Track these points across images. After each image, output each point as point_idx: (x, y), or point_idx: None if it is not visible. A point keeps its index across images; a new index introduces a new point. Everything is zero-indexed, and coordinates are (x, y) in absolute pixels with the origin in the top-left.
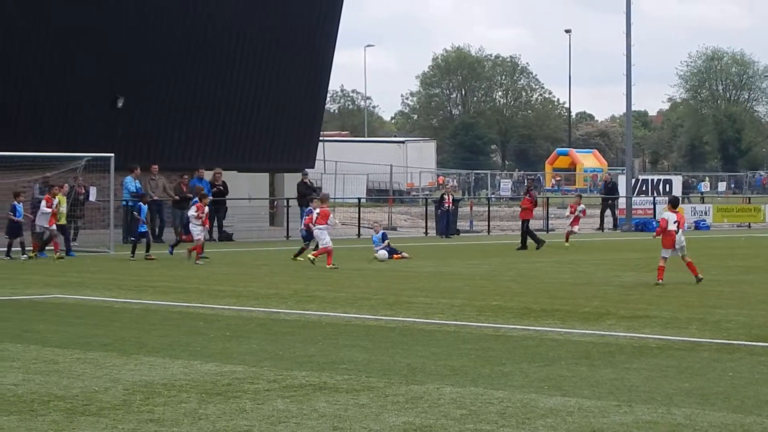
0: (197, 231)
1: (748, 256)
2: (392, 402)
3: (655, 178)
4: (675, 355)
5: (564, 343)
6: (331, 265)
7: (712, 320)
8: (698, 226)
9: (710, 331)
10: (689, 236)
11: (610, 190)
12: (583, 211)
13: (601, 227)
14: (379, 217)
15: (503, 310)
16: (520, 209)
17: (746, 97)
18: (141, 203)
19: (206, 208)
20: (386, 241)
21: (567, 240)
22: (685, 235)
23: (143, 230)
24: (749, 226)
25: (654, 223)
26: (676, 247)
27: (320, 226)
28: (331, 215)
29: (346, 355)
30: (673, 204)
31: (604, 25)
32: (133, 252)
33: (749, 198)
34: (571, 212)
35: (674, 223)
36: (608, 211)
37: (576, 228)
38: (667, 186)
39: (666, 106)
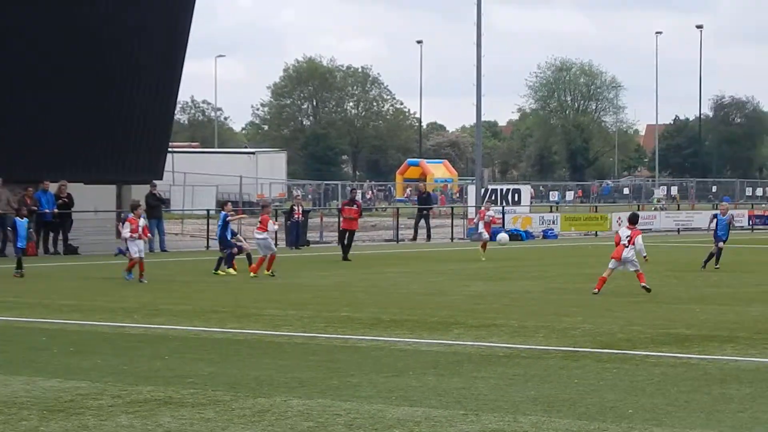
0: (134, 249)
1: (594, 264)
2: (239, 416)
3: (504, 187)
4: (522, 363)
5: (412, 353)
6: (270, 272)
7: (559, 328)
8: (546, 235)
9: (557, 339)
10: (537, 245)
11: (424, 200)
12: (493, 218)
13: (415, 238)
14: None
15: (352, 321)
16: (344, 219)
17: (594, 107)
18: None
19: (141, 220)
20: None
21: (484, 249)
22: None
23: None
24: (596, 235)
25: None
26: (623, 260)
27: (260, 234)
28: (271, 221)
29: (193, 369)
30: (631, 221)
31: (455, 37)
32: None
33: (596, 207)
34: (481, 219)
35: (626, 237)
36: (423, 222)
37: (486, 236)
38: (516, 195)
39: (516, 117)
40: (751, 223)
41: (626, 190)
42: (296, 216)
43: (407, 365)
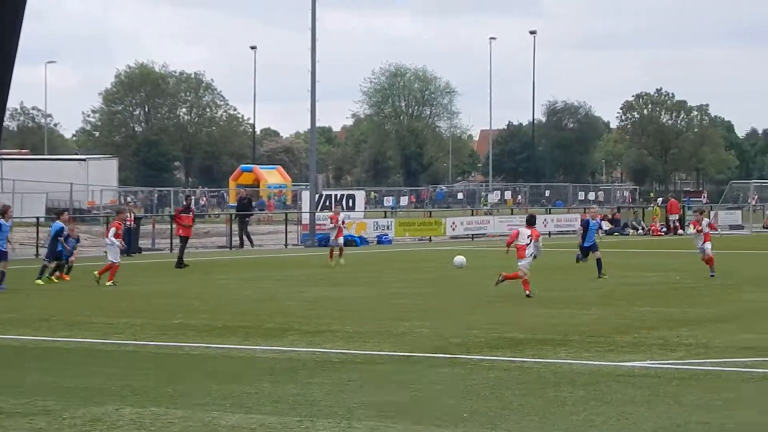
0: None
1: (430, 268)
2: (69, 425)
3: (339, 193)
4: (357, 368)
5: (247, 359)
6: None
7: (395, 333)
8: (380, 240)
9: (392, 344)
10: (371, 250)
11: (244, 206)
12: (343, 222)
13: (229, 245)
14: None
15: (185, 328)
16: (177, 226)
17: (428, 113)
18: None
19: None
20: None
21: (332, 257)
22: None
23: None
24: (430, 240)
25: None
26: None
27: (112, 240)
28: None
29: (23, 379)
30: (529, 222)
31: (289, 42)
32: None
33: (430, 212)
34: (334, 224)
35: (527, 237)
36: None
37: (340, 242)
38: (351, 201)
39: (350, 122)
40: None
41: (460, 195)
42: (128, 223)
43: (242, 372)
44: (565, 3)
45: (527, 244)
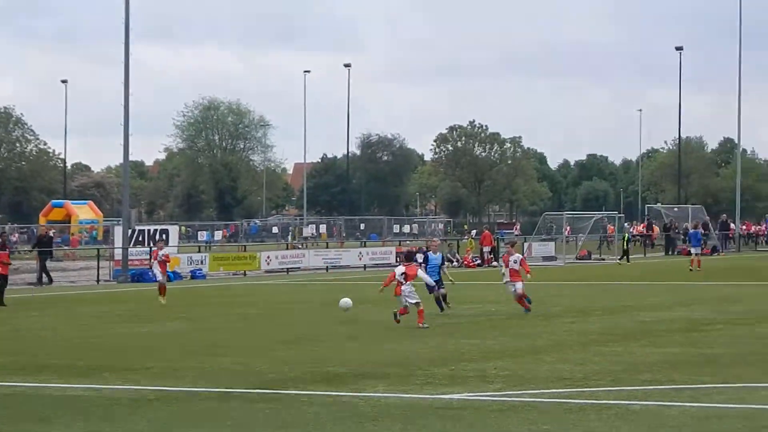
0: None
1: (244, 303)
2: None
3: (152, 228)
4: (174, 405)
5: (61, 399)
6: None
7: (211, 369)
8: (194, 275)
9: (209, 380)
10: (185, 285)
11: (45, 243)
12: (166, 257)
13: (40, 282)
14: None
15: None
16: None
17: (242, 146)
18: None
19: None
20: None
21: (163, 293)
22: None
23: None
24: (245, 274)
25: (149, 273)
26: (403, 295)
27: None
28: None
29: None
30: (407, 258)
31: (101, 77)
32: None
33: (245, 246)
34: (154, 258)
35: (401, 274)
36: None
37: (161, 278)
38: (164, 236)
39: (163, 156)
40: (398, 260)
41: (275, 229)
42: None
43: (55, 412)
44: (378, 37)
45: (402, 283)
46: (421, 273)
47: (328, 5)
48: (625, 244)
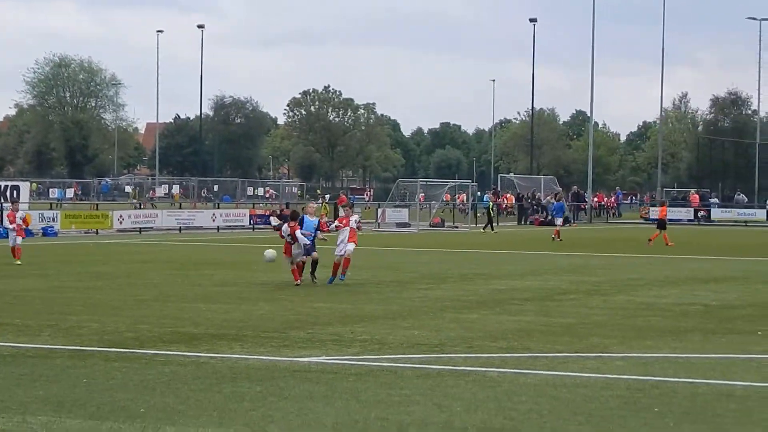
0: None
1: (98, 262)
2: None
3: (2, 184)
4: (28, 362)
5: None
6: None
7: (64, 327)
8: (46, 232)
9: (63, 338)
10: (37, 242)
11: None
12: (26, 219)
13: None
14: None
15: None
16: None
17: (93, 104)
18: None
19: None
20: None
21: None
22: None
23: None
24: (97, 232)
25: (0, 229)
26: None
27: None
28: None
29: None
30: (292, 218)
31: None
32: None
33: (97, 205)
34: (11, 222)
35: (288, 235)
36: None
37: (20, 240)
38: (15, 192)
39: (13, 112)
40: (252, 222)
41: (128, 188)
42: None
43: None
44: (227, 1)
45: (290, 243)
46: (298, 234)
47: None
48: (490, 211)
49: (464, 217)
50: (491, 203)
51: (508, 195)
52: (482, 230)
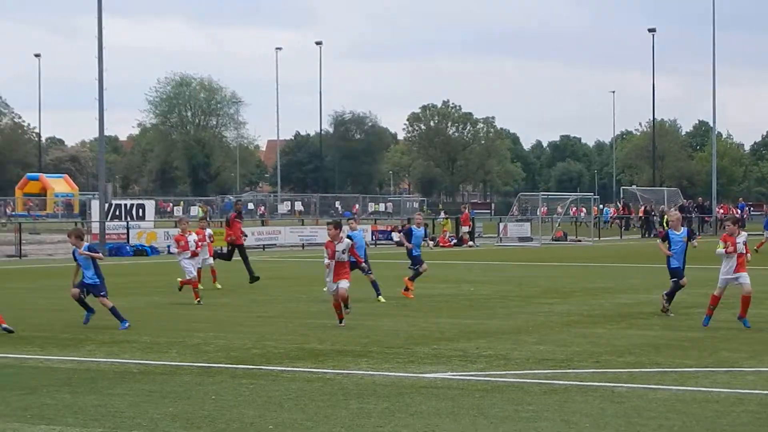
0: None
1: (222, 279)
2: None
3: (129, 202)
4: (157, 379)
5: (44, 370)
6: None
7: (191, 344)
8: (170, 250)
9: (190, 355)
10: (162, 260)
11: None
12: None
13: (19, 255)
14: None
15: None
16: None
17: (215, 122)
18: None
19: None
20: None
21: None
22: None
23: None
24: (222, 249)
25: (128, 247)
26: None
27: None
28: None
29: None
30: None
31: (73, 51)
32: None
33: (221, 222)
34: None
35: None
36: None
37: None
38: (141, 210)
39: (136, 131)
40: (374, 238)
41: (251, 205)
42: None
43: (40, 383)
44: (343, 16)
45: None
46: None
47: None
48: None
49: (588, 229)
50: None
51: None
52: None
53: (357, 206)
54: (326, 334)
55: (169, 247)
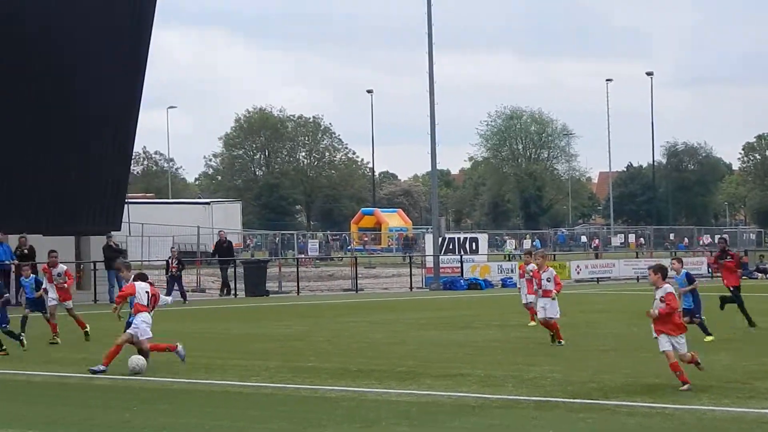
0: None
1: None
2: None
3: (462, 236)
4: (495, 413)
5: (383, 403)
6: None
7: (527, 377)
8: (505, 283)
9: (527, 389)
10: (496, 293)
11: (225, 251)
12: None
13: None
14: (186, 278)
15: (319, 371)
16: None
17: (546, 155)
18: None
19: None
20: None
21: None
22: None
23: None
24: None
25: (461, 281)
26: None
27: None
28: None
29: (148, 420)
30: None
31: (404, 87)
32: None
33: (554, 255)
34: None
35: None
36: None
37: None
38: (474, 244)
39: (467, 165)
40: (710, 270)
41: (583, 238)
42: (172, 270)
43: (379, 416)
44: (671, 45)
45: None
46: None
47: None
48: None
49: None
50: None
51: None
52: None
53: (686, 239)
54: (662, 369)
55: (504, 281)
